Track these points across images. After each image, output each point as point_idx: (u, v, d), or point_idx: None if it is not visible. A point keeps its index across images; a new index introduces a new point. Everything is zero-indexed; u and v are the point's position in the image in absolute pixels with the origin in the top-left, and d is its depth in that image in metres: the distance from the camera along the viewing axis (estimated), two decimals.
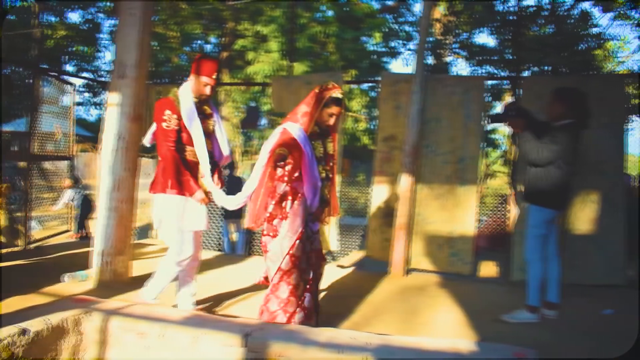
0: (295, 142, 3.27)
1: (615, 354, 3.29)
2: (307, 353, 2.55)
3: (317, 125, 3.41)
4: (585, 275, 5.31)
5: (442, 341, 2.65)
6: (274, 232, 3.30)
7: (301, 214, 3.30)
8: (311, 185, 3.32)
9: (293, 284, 3.29)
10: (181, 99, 3.59)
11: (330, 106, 3.35)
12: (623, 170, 5.40)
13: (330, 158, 3.55)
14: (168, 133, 3.53)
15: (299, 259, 3.29)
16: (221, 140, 3.86)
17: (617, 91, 5.43)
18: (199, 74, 3.61)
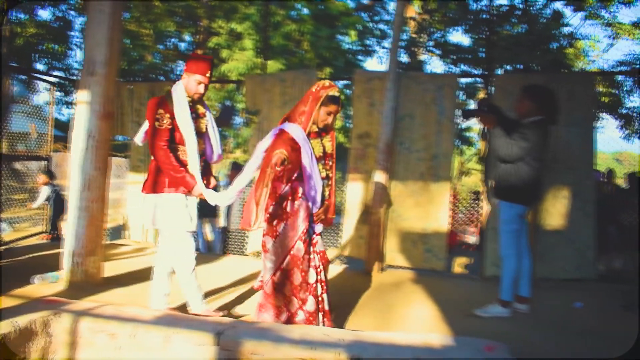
0: (294, 142, 3.24)
1: (584, 346, 3.36)
2: (280, 350, 2.55)
3: (315, 124, 3.39)
4: (557, 269, 5.40)
5: (414, 336, 2.67)
6: (274, 233, 3.28)
7: (302, 214, 3.27)
8: (312, 185, 3.30)
9: (295, 284, 3.25)
10: (174, 98, 3.52)
11: (328, 105, 3.33)
12: (592, 167, 5.50)
13: (329, 157, 3.52)
14: (161, 132, 3.46)
15: (300, 259, 3.26)
16: (214, 140, 3.79)
17: (586, 89, 5.52)
18: (193, 73, 3.56)
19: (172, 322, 2.87)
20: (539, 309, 4.28)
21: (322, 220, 3.46)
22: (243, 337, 2.64)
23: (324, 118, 3.36)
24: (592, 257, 5.39)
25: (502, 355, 2.41)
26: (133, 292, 4.46)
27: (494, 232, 5.33)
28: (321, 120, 3.37)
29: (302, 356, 2.51)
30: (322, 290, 3.37)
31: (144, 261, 5.81)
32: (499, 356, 2.39)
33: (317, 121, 3.36)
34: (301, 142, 3.25)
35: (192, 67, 3.58)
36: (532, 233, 5.29)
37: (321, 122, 3.38)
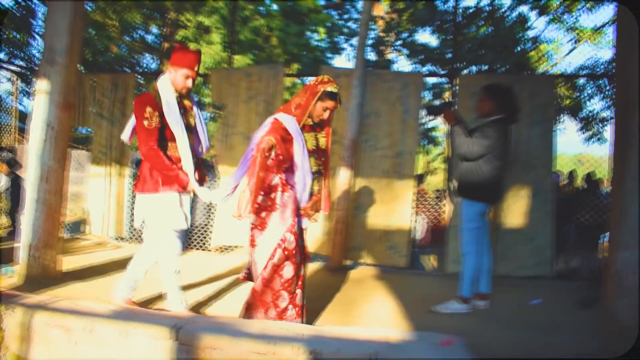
0: (287, 132, 3.21)
1: (541, 341, 3.44)
2: (239, 344, 2.53)
3: (310, 118, 3.35)
4: (516, 267, 5.52)
5: (373, 331, 2.69)
6: (262, 225, 3.23)
7: (291, 206, 3.24)
8: (302, 178, 3.27)
9: (286, 278, 3.21)
10: (161, 94, 3.40)
11: (325, 100, 3.29)
12: (552, 167, 5.63)
13: (322, 153, 3.47)
14: (150, 132, 3.34)
15: (292, 252, 3.21)
16: (202, 134, 3.69)
17: (548, 91, 5.65)
18: (180, 66, 3.40)
19: (129, 317, 2.82)
20: (497, 305, 4.36)
21: (308, 214, 3.42)
22: (201, 332, 2.61)
23: (319, 113, 3.32)
24: (550, 256, 5.53)
25: (459, 349, 2.44)
26: (91, 286, 4.37)
27: (456, 229, 5.42)
28: (316, 115, 3.33)
29: (261, 351, 2.50)
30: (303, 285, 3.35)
31: (104, 256, 5.72)
32: (456, 350, 2.42)
33: (312, 115, 3.33)
34: (294, 133, 3.22)
35: (179, 60, 3.41)
36: (493, 231, 5.39)
37: (316, 117, 3.34)
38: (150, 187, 3.42)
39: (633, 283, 3.22)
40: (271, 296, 3.22)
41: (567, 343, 3.40)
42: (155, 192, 3.41)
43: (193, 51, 3.50)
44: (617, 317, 3.26)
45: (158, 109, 3.35)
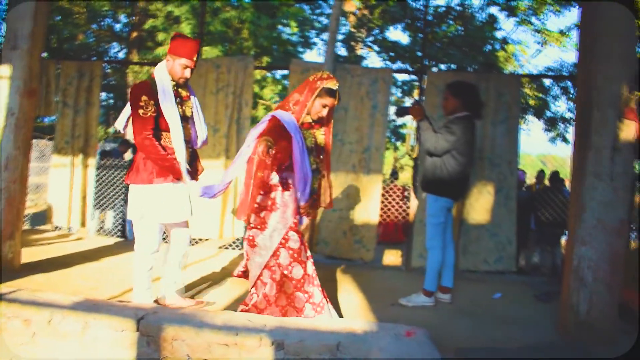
0: (285, 130, 3.13)
1: (499, 333, 3.52)
2: (202, 336, 2.53)
3: (309, 116, 3.30)
4: (479, 261, 5.63)
5: (337, 322, 2.71)
6: (262, 225, 3.15)
7: (292, 205, 3.18)
8: (302, 176, 3.17)
9: (297, 278, 3.12)
10: (157, 82, 3.29)
11: (324, 97, 3.24)
12: (516, 164, 5.74)
13: (321, 150, 3.40)
14: (145, 121, 3.23)
15: (298, 251, 3.14)
16: (199, 125, 3.60)
17: (513, 90, 5.76)
18: (177, 55, 3.31)
19: (90, 308, 2.79)
20: (460, 298, 4.44)
21: (307, 213, 3.36)
22: (164, 323, 2.60)
23: (318, 110, 3.27)
24: (513, 251, 5.65)
25: (421, 340, 2.49)
26: (53, 279, 4.29)
27: (421, 225, 5.49)
28: (315, 112, 3.27)
29: (224, 342, 2.51)
30: None
31: (67, 247, 5.61)
32: (418, 341, 2.47)
33: (310, 112, 3.28)
34: (292, 130, 3.14)
35: (177, 49, 3.32)
36: (457, 226, 5.48)
37: (315, 114, 3.29)
38: (144, 178, 3.32)
39: (590, 277, 3.33)
40: (286, 299, 3.13)
41: (526, 335, 3.48)
42: (149, 184, 3.31)
43: (192, 40, 3.41)
44: (575, 310, 3.37)
45: (154, 98, 3.25)
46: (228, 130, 6.02)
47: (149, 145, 3.24)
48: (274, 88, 14.43)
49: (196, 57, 3.39)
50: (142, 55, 13.45)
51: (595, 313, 3.33)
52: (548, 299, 4.58)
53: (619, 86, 3.34)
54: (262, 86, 14.18)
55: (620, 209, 3.32)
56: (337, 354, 2.38)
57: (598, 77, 3.37)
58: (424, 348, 2.39)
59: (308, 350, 2.39)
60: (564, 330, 3.44)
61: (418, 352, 2.34)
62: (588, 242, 3.34)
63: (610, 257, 3.31)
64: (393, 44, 14.31)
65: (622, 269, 3.35)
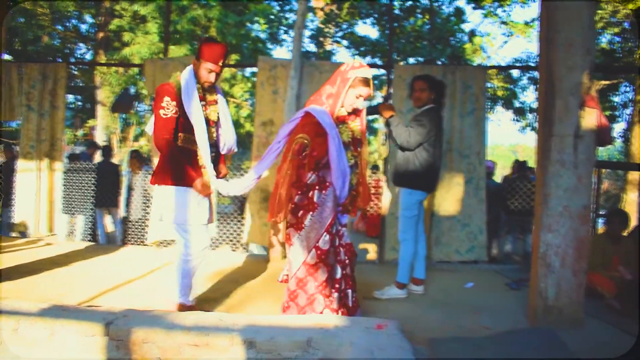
0: (320, 126, 3.00)
1: (471, 322, 3.56)
2: (173, 337, 2.50)
3: (343, 108, 3.14)
4: (451, 252, 5.69)
5: (308, 318, 2.71)
6: (300, 225, 3.03)
7: (330, 205, 3.04)
8: (339, 173, 3.02)
9: (320, 280, 3.00)
10: (182, 85, 3.23)
11: (358, 86, 3.07)
12: (484, 155, 5.81)
13: (358, 143, 3.25)
14: (166, 122, 3.17)
15: (326, 253, 3.01)
16: (226, 128, 3.51)
17: (480, 82, 5.82)
18: (203, 59, 3.24)
19: (58, 314, 2.73)
20: (433, 289, 4.49)
21: (348, 211, 3.24)
22: (134, 326, 2.57)
23: (352, 101, 3.11)
24: (484, 240, 5.73)
25: (392, 332, 2.50)
26: (21, 286, 4.20)
27: (393, 218, 5.53)
28: (349, 104, 3.12)
29: (195, 342, 2.48)
30: (345, 286, 3.17)
31: (36, 254, 5.51)
32: (389, 333, 2.48)
33: (345, 104, 3.12)
34: (327, 127, 2.99)
35: (204, 53, 3.24)
36: (428, 218, 5.53)
37: (349, 106, 3.13)
38: (160, 179, 3.29)
39: (557, 264, 3.40)
40: (306, 299, 3.03)
41: (497, 323, 3.54)
42: (169, 185, 3.27)
43: (219, 45, 3.31)
44: (544, 296, 3.43)
45: (176, 99, 3.20)
46: None
47: (166, 148, 3.20)
48: (243, 86, 14.36)
49: (222, 61, 3.29)
50: (110, 56, 13.26)
51: (563, 298, 3.40)
52: (519, 286, 4.65)
53: (579, 75, 3.40)
54: (232, 84, 14.09)
55: (584, 195, 3.39)
56: (308, 350, 2.38)
57: (559, 66, 3.43)
58: (395, 340, 2.40)
59: (279, 347, 2.38)
60: (533, 316, 3.50)
61: (389, 344, 2.35)
62: (554, 229, 3.40)
63: (576, 243, 3.37)
64: (362, 39, 14.37)
65: (586, 254, 3.42)
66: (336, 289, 3.07)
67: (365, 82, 3.09)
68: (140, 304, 3.77)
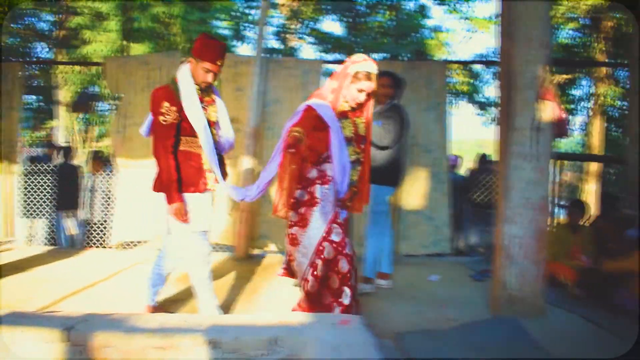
0: (321, 120, 2.95)
1: (435, 315, 3.60)
2: (135, 340, 2.46)
3: (347, 103, 3.11)
4: (417, 246, 5.75)
5: (273, 316, 2.70)
6: (303, 222, 2.98)
7: (331, 198, 2.99)
8: (340, 168, 3.00)
9: (343, 272, 2.96)
10: (180, 87, 3.06)
11: (359, 81, 3.03)
12: (447, 149, 5.88)
13: (361, 140, 3.19)
14: (166, 129, 3.01)
15: (341, 244, 2.97)
16: (225, 128, 3.36)
17: (442, 77, 5.89)
18: (200, 58, 3.04)
19: (17, 321, 2.65)
20: (400, 283, 4.52)
21: (348, 207, 3.18)
22: (94, 330, 2.51)
23: (354, 96, 3.06)
24: (448, 233, 5.80)
25: (357, 327, 2.51)
26: None
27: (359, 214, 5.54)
28: (352, 98, 3.07)
29: (159, 345, 2.44)
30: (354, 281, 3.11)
31: None
32: (353, 328, 2.49)
33: (348, 99, 3.09)
34: (329, 121, 2.96)
35: (201, 51, 3.05)
36: (394, 212, 5.57)
37: (352, 100, 3.08)
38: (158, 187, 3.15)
39: (519, 254, 3.46)
40: (331, 296, 2.97)
41: (462, 315, 3.58)
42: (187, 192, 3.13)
43: (217, 43, 3.14)
44: (506, 286, 3.49)
45: (176, 104, 3.03)
46: None
47: (162, 158, 3.05)
48: None
49: (221, 61, 3.11)
50: (69, 55, 12.94)
51: (525, 288, 3.47)
52: (483, 277, 4.73)
53: (537, 69, 3.46)
54: None
55: (543, 187, 3.46)
56: (274, 348, 2.36)
57: (518, 60, 3.49)
58: (360, 335, 2.41)
59: (245, 346, 2.36)
60: (497, 306, 3.56)
61: (354, 339, 2.35)
62: (516, 220, 3.46)
63: (536, 234, 3.45)
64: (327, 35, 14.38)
65: (546, 244, 3.49)
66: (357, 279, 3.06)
67: (367, 76, 3.05)
68: (103, 307, 3.70)
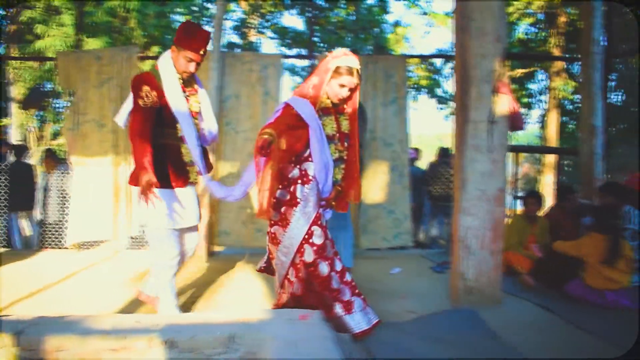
0: (299, 119, 2.84)
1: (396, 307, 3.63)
2: (89, 342, 2.39)
3: (329, 100, 2.98)
4: (378, 239, 5.79)
5: (231, 314, 2.67)
6: (284, 222, 2.88)
7: (313, 198, 2.88)
8: (322, 166, 2.89)
9: (323, 276, 2.87)
10: (162, 75, 2.96)
11: (339, 75, 2.89)
12: (407, 143, 5.93)
13: (345, 137, 3.06)
14: (145, 111, 2.87)
15: (321, 247, 2.87)
16: (208, 119, 3.24)
17: (401, 71, 5.93)
18: (182, 47, 2.93)
19: None
20: (360, 277, 4.53)
21: (332, 206, 3.09)
22: (46, 334, 2.43)
23: (336, 91, 2.93)
24: (409, 226, 5.86)
25: (315, 322, 2.50)
26: None
27: None
28: (334, 94, 2.94)
29: (113, 347, 2.39)
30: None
31: None
32: (312, 323, 2.48)
33: (330, 95, 2.97)
34: (308, 118, 2.85)
35: (183, 39, 2.94)
36: (355, 206, 5.59)
37: (334, 96, 2.95)
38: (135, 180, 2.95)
39: (476, 246, 3.51)
40: (314, 298, 2.91)
41: (421, 306, 3.62)
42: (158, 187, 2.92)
43: (201, 31, 3.02)
44: (464, 277, 3.54)
45: (157, 90, 2.92)
46: (115, 125, 5.70)
47: (138, 144, 2.85)
48: None
49: (204, 50, 3.01)
50: (22, 50, 12.54)
51: (482, 278, 3.53)
52: (443, 269, 4.79)
53: (492, 62, 3.51)
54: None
55: (499, 178, 3.52)
56: (231, 346, 2.34)
57: (473, 54, 3.53)
58: (318, 330, 2.40)
59: (201, 345, 2.33)
60: (455, 298, 3.61)
61: (313, 335, 2.34)
62: (472, 212, 3.51)
63: (493, 225, 3.50)
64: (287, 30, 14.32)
65: (503, 235, 3.56)
66: (341, 281, 2.95)
67: (349, 71, 2.92)
68: (59, 310, 3.59)
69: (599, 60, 5.42)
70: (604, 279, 3.69)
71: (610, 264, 3.68)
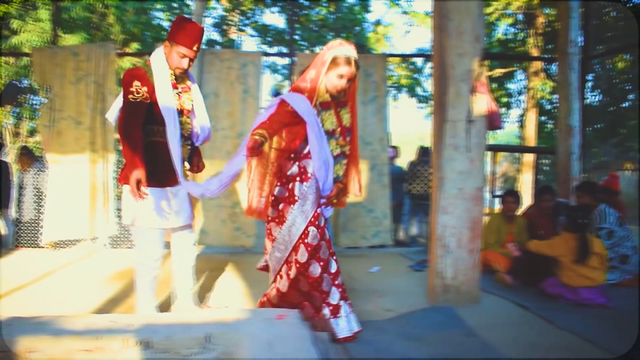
0: (296, 115, 2.75)
1: (373, 306, 3.63)
2: (62, 343, 2.35)
3: (328, 94, 2.86)
4: (358, 238, 5.81)
5: (207, 313, 2.65)
6: (280, 219, 2.82)
7: (312, 197, 2.80)
8: (321, 163, 2.80)
9: (313, 277, 2.80)
10: (154, 70, 2.88)
11: (337, 66, 2.77)
12: (387, 141, 5.95)
13: (346, 131, 2.96)
14: (135, 106, 2.81)
15: (315, 248, 2.79)
16: (201, 118, 3.15)
17: (380, 70, 5.94)
18: (175, 42, 2.86)
19: None
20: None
21: (332, 203, 2.99)
22: (18, 335, 2.39)
23: (335, 83, 2.80)
24: (389, 225, 5.88)
25: (293, 321, 2.49)
26: None
27: None
28: (332, 86, 2.81)
29: (87, 347, 2.35)
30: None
31: None
32: (290, 322, 2.47)
33: (328, 88, 2.84)
34: (304, 114, 2.74)
35: (176, 35, 2.87)
36: None
37: (333, 89, 2.83)
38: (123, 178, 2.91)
39: (453, 244, 3.53)
40: (299, 297, 2.85)
41: (399, 305, 3.63)
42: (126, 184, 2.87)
43: (195, 26, 2.93)
44: (442, 276, 3.56)
45: (148, 85, 2.85)
46: (92, 123, 5.66)
47: (126, 137, 2.79)
48: None
49: (197, 46, 2.93)
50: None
51: (460, 276, 3.55)
52: (421, 267, 4.81)
53: (470, 62, 3.53)
54: None
55: (476, 177, 3.54)
56: (207, 345, 2.31)
57: (451, 53, 3.55)
58: (296, 329, 2.39)
59: (177, 345, 2.30)
60: (433, 296, 3.63)
61: (289, 334, 2.33)
62: (450, 210, 3.53)
63: (470, 224, 3.53)
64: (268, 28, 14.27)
65: (480, 233, 3.58)
66: (333, 283, 2.88)
67: (347, 60, 2.80)
68: (34, 310, 3.53)
69: (576, 61, 5.50)
70: (578, 276, 3.73)
71: (582, 262, 3.73)
